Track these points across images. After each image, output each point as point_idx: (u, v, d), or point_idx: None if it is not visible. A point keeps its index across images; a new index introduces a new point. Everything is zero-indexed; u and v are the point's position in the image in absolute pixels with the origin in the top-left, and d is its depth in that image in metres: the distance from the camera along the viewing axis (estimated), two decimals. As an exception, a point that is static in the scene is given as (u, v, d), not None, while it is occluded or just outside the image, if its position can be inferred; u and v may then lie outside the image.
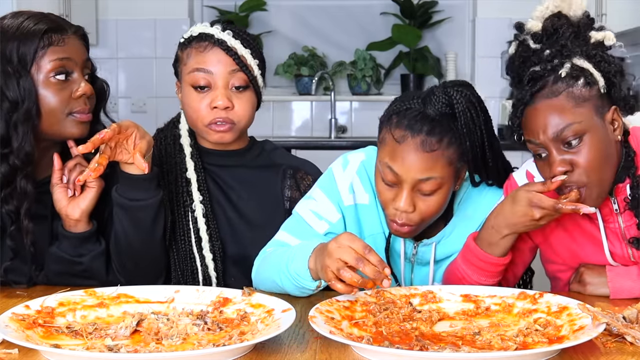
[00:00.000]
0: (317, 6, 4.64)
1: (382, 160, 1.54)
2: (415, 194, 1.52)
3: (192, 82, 1.69)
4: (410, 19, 4.48)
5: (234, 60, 1.67)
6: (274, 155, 1.84)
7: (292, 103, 4.60)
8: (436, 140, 1.49)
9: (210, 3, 4.62)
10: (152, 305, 1.41)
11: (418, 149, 1.49)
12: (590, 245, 1.62)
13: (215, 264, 1.72)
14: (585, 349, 1.21)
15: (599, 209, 1.56)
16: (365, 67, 4.44)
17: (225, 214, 1.77)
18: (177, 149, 1.77)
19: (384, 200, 1.56)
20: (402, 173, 1.50)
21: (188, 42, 1.72)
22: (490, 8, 4.42)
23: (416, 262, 1.70)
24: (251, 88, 1.71)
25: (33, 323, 1.29)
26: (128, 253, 1.65)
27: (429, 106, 1.51)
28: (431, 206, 1.53)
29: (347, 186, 1.67)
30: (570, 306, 1.34)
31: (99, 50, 4.48)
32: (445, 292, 1.48)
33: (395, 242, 1.69)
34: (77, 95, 1.63)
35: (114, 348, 1.20)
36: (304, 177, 1.81)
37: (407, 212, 1.52)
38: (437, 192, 1.52)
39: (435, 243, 1.66)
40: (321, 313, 1.31)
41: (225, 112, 1.67)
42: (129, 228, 1.63)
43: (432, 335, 1.30)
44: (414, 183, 1.50)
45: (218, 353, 1.17)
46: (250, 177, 1.79)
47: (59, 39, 1.62)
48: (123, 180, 1.60)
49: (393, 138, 1.52)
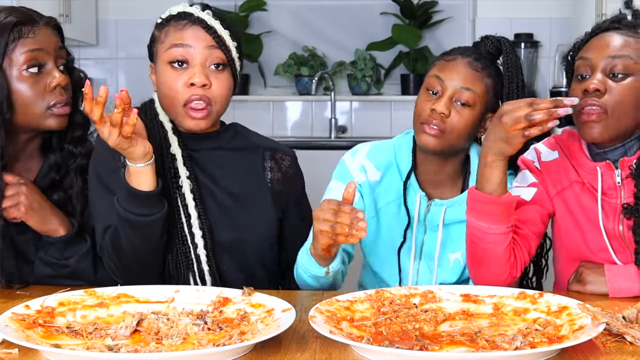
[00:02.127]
0: (317, 6, 4.63)
1: (431, 74, 1.76)
2: (452, 104, 1.71)
3: (169, 59, 1.65)
4: (410, 19, 4.48)
5: (213, 38, 1.65)
6: (250, 136, 1.84)
7: (292, 103, 4.60)
8: (481, 66, 1.73)
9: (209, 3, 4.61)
10: (152, 305, 1.41)
11: (465, 65, 1.73)
12: (588, 224, 1.67)
13: (204, 241, 1.68)
14: (585, 349, 1.21)
15: (601, 181, 1.64)
16: (365, 67, 4.44)
17: (214, 197, 1.73)
18: (157, 126, 1.73)
19: (422, 108, 1.74)
20: (448, 79, 1.72)
21: (166, 21, 1.70)
22: (490, 8, 4.42)
23: (428, 227, 1.80)
24: (229, 69, 1.68)
25: (33, 323, 1.29)
26: (133, 258, 1.64)
27: (480, 45, 1.78)
28: (461, 120, 1.71)
29: (358, 167, 1.84)
30: (570, 306, 1.34)
31: (99, 50, 4.48)
32: (445, 292, 1.48)
33: (411, 205, 1.79)
34: (51, 86, 1.62)
35: (114, 348, 1.20)
36: (283, 158, 1.83)
37: (442, 113, 1.69)
38: (470, 109, 1.71)
39: (446, 206, 1.78)
40: (321, 313, 1.31)
41: (202, 90, 1.64)
42: (137, 242, 1.61)
43: (432, 335, 1.30)
44: (454, 91, 1.71)
45: (218, 353, 1.17)
46: (230, 158, 1.78)
47: (29, 30, 1.61)
48: (131, 196, 1.57)
49: (444, 60, 1.76)
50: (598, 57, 1.61)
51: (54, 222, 1.66)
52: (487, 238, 1.59)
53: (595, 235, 1.67)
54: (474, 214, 1.60)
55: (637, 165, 1.62)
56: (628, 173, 1.62)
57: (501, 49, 1.76)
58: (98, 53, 4.48)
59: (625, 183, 1.63)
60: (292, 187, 1.83)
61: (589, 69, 1.62)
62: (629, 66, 1.60)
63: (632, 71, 1.60)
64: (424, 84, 1.79)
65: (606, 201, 1.65)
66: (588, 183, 1.68)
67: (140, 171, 1.55)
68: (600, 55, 1.61)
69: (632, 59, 1.60)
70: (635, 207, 1.60)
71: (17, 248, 1.68)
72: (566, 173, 1.72)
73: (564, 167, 1.73)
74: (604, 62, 1.61)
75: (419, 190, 1.80)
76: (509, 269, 1.63)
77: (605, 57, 1.61)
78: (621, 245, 1.65)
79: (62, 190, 1.73)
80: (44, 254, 1.67)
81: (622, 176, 1.63)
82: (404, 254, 1.82)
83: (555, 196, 1.73)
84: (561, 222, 1.74)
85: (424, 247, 1.82)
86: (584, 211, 1.68)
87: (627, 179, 1.63)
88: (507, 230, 1.59)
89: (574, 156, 1.71)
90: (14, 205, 1.60)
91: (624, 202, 1.63)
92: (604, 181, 1.65)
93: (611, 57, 1.60)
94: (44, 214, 1.64)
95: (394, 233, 1.82)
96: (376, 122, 4.48)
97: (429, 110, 1.71)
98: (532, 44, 4.33)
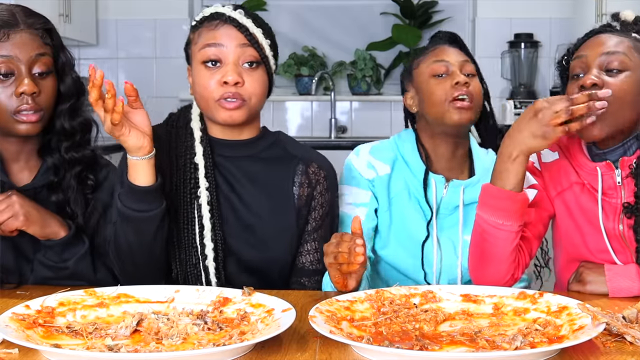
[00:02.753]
0: (317, 6, 4.64)
1: (427, 65, 1.86)
2: (462, 77, 1.82)
3: (203, 58, 1.66)
4: (410, 19, 4.48)
5: (245, 36, 1.65)
6: (289, 146, 1.79)
7: (292, 103, 4.60)
8: (464, 44, 1.91)
9: (210, 3, 4.62)
10: (152, 305, 1.41)
11: (450, 46, 1.88)
12: (588, 225, 1.67)
13: (215, 253, 1.68)
14: (585, 349, 1.21)
15: (602, 181, 1.64)
16: (365, 67, 4.44)
17: (234, 210, 1.72)
18: (187, 133, 1.74)
19: (439, 93, 1.82)
20: (448, 58, 1.85)
21: (200, 23, 1.71)
22: (490, 8, 4.43)
23: (444, 212, 1.86)
24: (263, 67, 1.68)
25: (33, 323, 1.29)
26: (129, 259, 1.65)
27: (438, 38, 1.94)
28: (476, 87, 1.84)
29: (365, 165, 1.88)
30: (570, 306, 1.34)
31: (99, 50, 4.49)
32: (445, 292, 1.48)
33: (428, 188, 1.85)
34: (16, 92, 1.61)
35: (114, 348, 1.20)
36: (317, 172, 1.78)
37: (466, 82, 1.81)
38: (475, 77, 1.86)
39: (464, 187, 1.85)
40: (321, 313, 1.31)
41: (235, 88, 1.64)
42: (131, 237, 1.62)
43: (432, 335, 1.30)
44: (460, 64, 1.84)
45: (218, 353, 1.17)
46: (259, 170, 1.74)
47: (4, 34, 1.60)
48: (128, 191, 1.58)
49: (429, 51, 1.89)
50: (593, 55, 1.63)
51: (54, 225, 1.66)
52: (498, 235, 1.58)
53: (595, 236, 1.67)
54: (488, 210, 1.59)
55: (637, 164, 1.62)
56: (628, 172, 1.62)
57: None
58: (98, 53, 4.48)
59: (625, 183, 1.63)
60: (318, 204, 1.78)
61: (585, 66, 1.63)
62: (624, 62, 1.60)
63: (627, 66, 1.61)
64: (422, 78, 1.87)
65: (606, 201, 1.65)
66: (588, 184, 1.68)
67: (136, 164, 1.57)
68: (595, 53, 1.62)
69: (627, 55, 1.61)
70: (636, 206, 1.60)
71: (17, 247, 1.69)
72: (566, 174, 1.72)
73: (564, 168, 1.73)
74: (599, 59, 1.62)
75: (434, 176, 1.86)
76: (512, 270, 1.63)
77: (600, 54, 1.62)
78: (621, 245, 1.65)
79: (61, 192, 1.73)
80: (43, 256, 1.67)
81: (622, 176, 1.63)
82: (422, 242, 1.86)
83: (556, 197, 1.73)
84: (561, 224, 1.74)
85: (439, 234, 1.86)
86: (584, 212, 1.69)
87: (627, 178, 1.63)
88: (518, 229, 1.59)
89: (574, 157, 1.71)
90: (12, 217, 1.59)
91: (625, 201, 1.63)
92: (604, 181, 1.65)
93: (606, 54, 1.61)
94: (43, 218, 1.64)
95: (408, 225, 1.85)
96: (376, 122, 4.48)
97: (451, 89, 1.81)
98: (532, 44, 4.34)
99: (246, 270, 1.72)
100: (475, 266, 1.67)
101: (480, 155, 1.91)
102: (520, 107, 4.11)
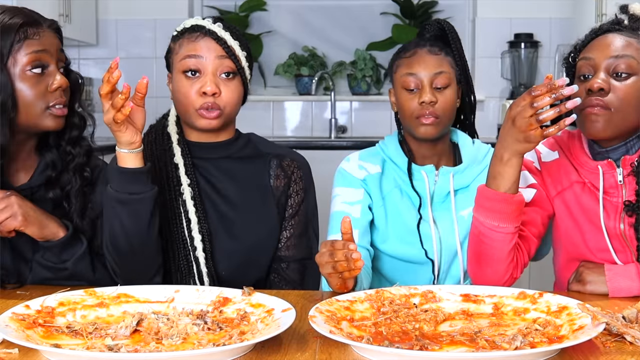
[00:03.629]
0: (317, 6, 4.64)
1: (401, 75, 1.87)
2: (432, 90, 1.84)
3: (183, 68, 1.76)
4: (410, 19, 4.48)
5: (223, 48, 1.75)
6: (261, 145, 1.90)
7: (292, 103, 4.60)
8: (438, 48, 1.88)
9: (210, 3, 4.62)
10: (152, 305, 1.41)
11: (427, 53, 1.86)
12: (589, 224, 1.67)
13: (204, 244, 1.76)
14: (585, 349, 1.21)
15: (603, 179, 1.65)
16: (365, 67, 4.45)
17: (215, 206, 1.81)
18: (165, 138, 1.85)
19: (409, 106, 1.85)
20: (419, 71, 1.85)
21: (181, 34, 1.81)
22: (490, 8, 4.43)
23: (437, 198, 1.89)
24: (239, 77, 1.79)
25: (33, 323, 1.29)
26: (127, 251, 1.65)
27: (425, 32, 1.94)
28: (447, 100, 1.85)
29: (357, 167, 1.93)
30: (570, 306, 1.34)
31: (99, 50, 4.49)
32: (445, 291, 1.48)
33: (418, 176, 1.89)
34: (53, 88, 1.65)
35: (114, 348, 1.20)
36: (290, 164, 1.88)
37: (432, 101, 1.82)
38: (448, 88, 1.85)
39: (453, 173, 1.89)
40: (321, 313, 1.31)
41: (213, 98, 1.74)
42: (128, 223, 1.64)
43: (432, 335, 1.30)
44: (431, 79, 1.84)
45: (218, 353, 1.17)
46: (236, 168, 1.84)
47: (34, 32, 1.64)
48: (120, 175, 1.63)
49: (406, 57, 1.88)
50: (601, 57, 1.62)
51: (52, 225, 1.66)
52: (495, 237, 1.59)
53: (596, 235, 1.67)
54: (483, 212, 1.59)
55: (639, 163, 1.62)
56: (630, 171, 1.62)
57: (444, 29, 1.91)
58: (98, 53, 4.48)
59: (626, 181, 1.63)
60: (293, 192, 1.87)
61: (592, 69, 1.63)
62: (632, 66, 1.60)
63: (635, 71, 1.60)
64: (397, 86, 1.90)
65: (607, 200, 1.65)
66: (589, 182, 1.68)
67: (125, 156, 1.63)
68: (603, 55, 1.62)
69: (635, 58, 1.60)
70: (637, 204, 1.61)
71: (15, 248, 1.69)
72: (567, 174, 1.72)
73: (564, 168, 1.73)
74: (607, 62, 1.61)
75: (423, 167, 1.90)
76: (511, 270, 1.63)
77: (608, 57, 1.61)
78: (621, 244, 1.65)
79: (59, 188, 1.74)
80: (41, 257, 1.67)
81: (624, 174, 1.63)
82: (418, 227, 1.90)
83: (556, 197, 1.73)
84: (561, 223, 1.74)
85: (436, 216, 1.89)
86: (585, 211, 1.69)
87: (629, 176, 1.63)
88: (515, 230, 1.59)
89: (574, 156, 1.71)
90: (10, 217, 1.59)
91: (626, 199, 1.63)
92: (605, 180, 1.65)
93: (614, 57, 1.61)
94: (40, 219, 1.64)
95: (403, 216, 1.89)
96: (376, 122, 4.48)
97: (418, 106, 1.84)
98: (532, 44, 4.34)
99: (232, 262, 1.79)
100: (473, 267, 1.67)
101: (466, 144, 1.95)
102: (520, 107, 4.11)
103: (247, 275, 1.79)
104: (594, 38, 1.67)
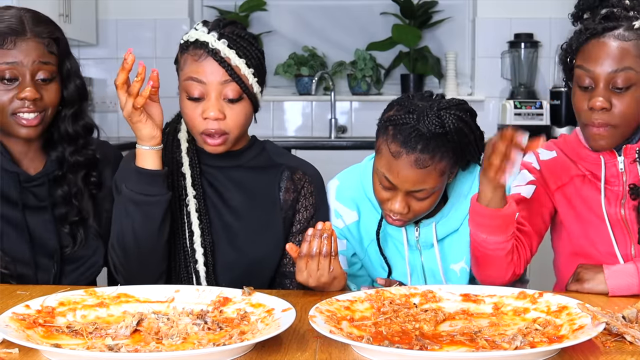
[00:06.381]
0: (317, 6, 4.64)
1: (379, 169, 1.67)
2: (409, 198, 1.66)
3: (186, 91, 1.69)
4: (410, 19, 4.48)
5: (227, 71, 1.66)
6: (274, 155, 1.83)
7: (292, 103, 4.60)
8: (429, 157, 1.60)
9: (210, 3, 4.62)
10: (152, 305, 1.41)
11: (412, 165, 1.61)
12: (590, 214, 1.69)
13: (205, 258, 1.73)
14: (585, 349, 1.21)
15: (605, 168, 1.67)
16: (365, 67, 4.44)
17: (220, 216, 1.77)
18: (175, 144, 1.79)
19: (381, 199, 1.70)
20: (397, 184, 1.64)
21: (186, 46, 1.71)
22: (490, 8, 4.42)
23: (422, 248, 1.79)
24: (245, 98, 1.70)
25: (33, 323, 1.29)
26: (133, 253, 1.66)
27: (422, 124, 1.60)
28: (424, 207, 1.68)
29: (334, 214, 1.83)
30: (570, 306, 1.34)
31: (99, 50, 4.48)
32: (445, 291, 1.48)
33: (396, 231, 1.78)
34: (18, 96, 1.67)
35: (115, 347, 1.20)
36: (302, 178, 1.81)
37: (401, 213, 1.67)
38: (430, 197, 1.67)
39: (435, 223, 1.77)
40: (321, 313, 1.31)
41: (217, 123, 1.67)
42: (139, 225, 1.64)
43: (432, 335, 1.30)
44: (407, 192, 1.65)
45: (218, 352, 1.17)
46: (246, 178, 1.79)
47: (11, 41, 1.65)
48: (137, 175, 1.63)
49: (389, 151, 1.64)
50: (599, 70, 1.61)
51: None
52: (488, 246, 1.61)
53: (598, 226, 1.68)
54: (474, 226, 1.61)
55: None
56: (633, 159, 1.65)
57: (445, 126, 1.59)
58: (98, 53, 4.48)
59: (628, 170, 1.65)
60: (302, 207, 1.81)
61: (592, 81, 1.62)
62: (631, 78, 1.60)
63: (634, 81, 1.61)
64: (373, 170, 1.70)
65: (608, 189, 1.69)
66: (590, 173, 1.70)
67: (145, 153, 1.64)
68: (602, 69, 1.61)
69: (633, 69, 1.60)
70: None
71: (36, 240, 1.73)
72: (566, 169, 1.74)
73: (563, 164, 1.75)
74: (606, 76, 1.61)
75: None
76: (513, 268, 1.65)
77: (607, 72, 1.60)
78: (623, 232, 1.66)
79: (66, 185, 1.78)
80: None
81: (626, 162, 1.66)
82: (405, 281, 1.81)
83: (556, 191, 1.75)
84: (563, 217, 1.75)
85: (425, 268, 1.81)
86: (585, 202, 1.71)
87: (631, 164, 1.65)
88: (507, 239, 1.61)
89: (573, 151, 1.73)
90: None
91: (630, 183, 1.65)
92: (607, 169, 1.68)
93: (613, 71, 1.60)
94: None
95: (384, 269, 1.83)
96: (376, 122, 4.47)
97: (388, 208, 1.69)
98: (532, 44, 4.34)
99: (234, 274, 1.74)
100: (476, 269, 1.70)
101: (459, 179, 1.77)
102: (521, 107, 4.11)
103: None
104: (589, 39, 1.64)
